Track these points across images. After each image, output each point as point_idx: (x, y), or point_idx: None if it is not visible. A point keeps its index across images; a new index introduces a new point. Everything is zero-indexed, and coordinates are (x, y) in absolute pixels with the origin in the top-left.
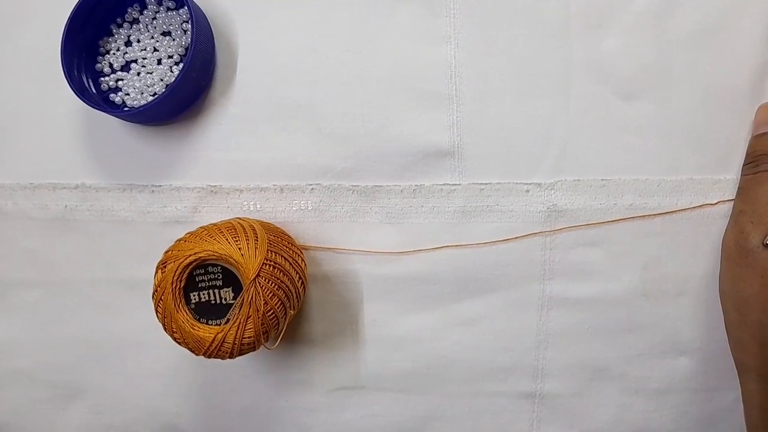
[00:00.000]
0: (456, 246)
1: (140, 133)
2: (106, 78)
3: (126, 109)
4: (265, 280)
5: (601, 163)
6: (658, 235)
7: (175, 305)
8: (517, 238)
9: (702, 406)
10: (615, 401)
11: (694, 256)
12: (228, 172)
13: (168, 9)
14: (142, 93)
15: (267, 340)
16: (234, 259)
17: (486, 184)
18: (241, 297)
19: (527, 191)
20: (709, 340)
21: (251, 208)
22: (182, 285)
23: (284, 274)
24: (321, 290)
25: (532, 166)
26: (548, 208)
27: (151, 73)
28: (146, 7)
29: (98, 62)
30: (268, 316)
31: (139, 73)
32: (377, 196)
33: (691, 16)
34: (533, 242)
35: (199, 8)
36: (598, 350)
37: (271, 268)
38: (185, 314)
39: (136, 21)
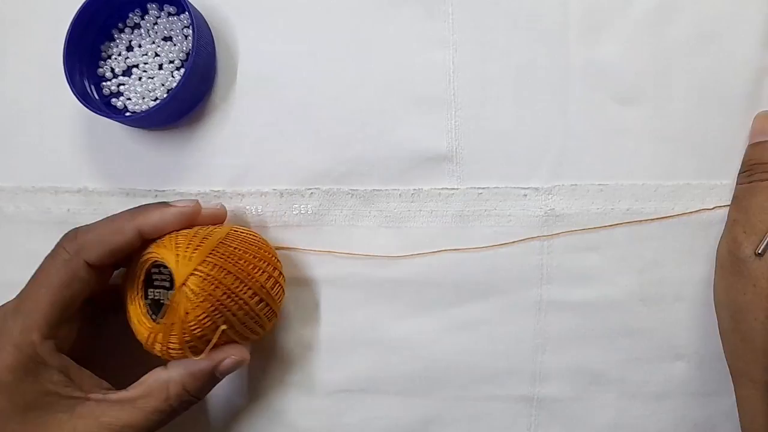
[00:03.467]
0: (454, 250)
1: (141, 138)
2: (108, 83)
3: (127, 114)
4: (192, 292)
5: (598, 167)
6: (655, 239)
7: (130, 297)
8: (515, 242)
9: (699, 411)
10: (613, 405)
11: (691, 260)
12: (228, 177)
13: (169, 14)
14: (144, 98)
15: (196, 353)
16: (170, 266)
17: (484, 188)
18: (167, 304)
19: (525, 195)
20: (707, 344)
21: (252, 212)
22: (142, 279)
23: (225, 292)
24: (320, 294)
25: (530, 170)
26: (546, 213)
27: (152, 78)
28: (147, 13)
29: (100, 67)
30: (191, 328)
31: (140, 78)
32: (376, 200)
33: (688, 22)
34: (531, 246)
35: (200, 14)
36: (595, 354)
37: (203, 280)
38: (137, 308)
39: (137, 26)
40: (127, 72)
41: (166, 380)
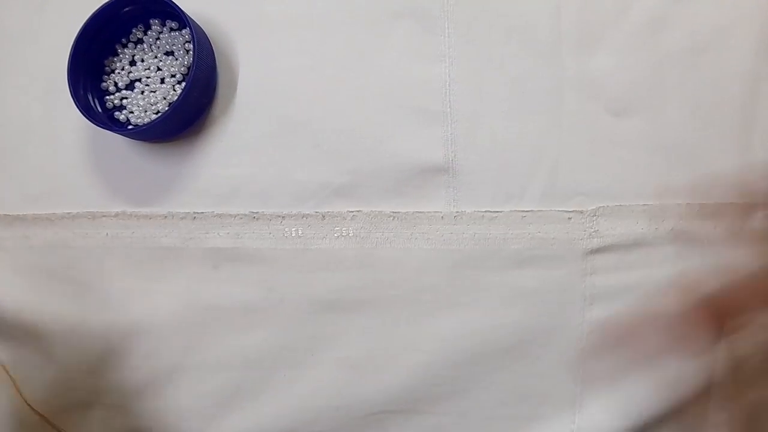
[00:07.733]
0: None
1: (143, 150)
2: (111, 96)
3: (130, 127)
4: None
5: (592, 178)
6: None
7: None
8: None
9: None
10: None
11: None
12: (227, 189)
13: (171, 30)
14: (146, 111)
15: None
16: None
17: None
18: None
19: (569, 219)
20: None
21: (293, 234)
22: None
23: None
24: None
25: (525, 181)
26: (590, 235)
27: (154, 92)
28: (150, 28)
29: (103, 81)
30: None
31: (143, 92)
32: (418, 222)
33: (682, 33)
34: (573, 269)
35: (201, 29)
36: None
37: None
38: None
39: (140, 41)
40: (129, 86)
41: None
